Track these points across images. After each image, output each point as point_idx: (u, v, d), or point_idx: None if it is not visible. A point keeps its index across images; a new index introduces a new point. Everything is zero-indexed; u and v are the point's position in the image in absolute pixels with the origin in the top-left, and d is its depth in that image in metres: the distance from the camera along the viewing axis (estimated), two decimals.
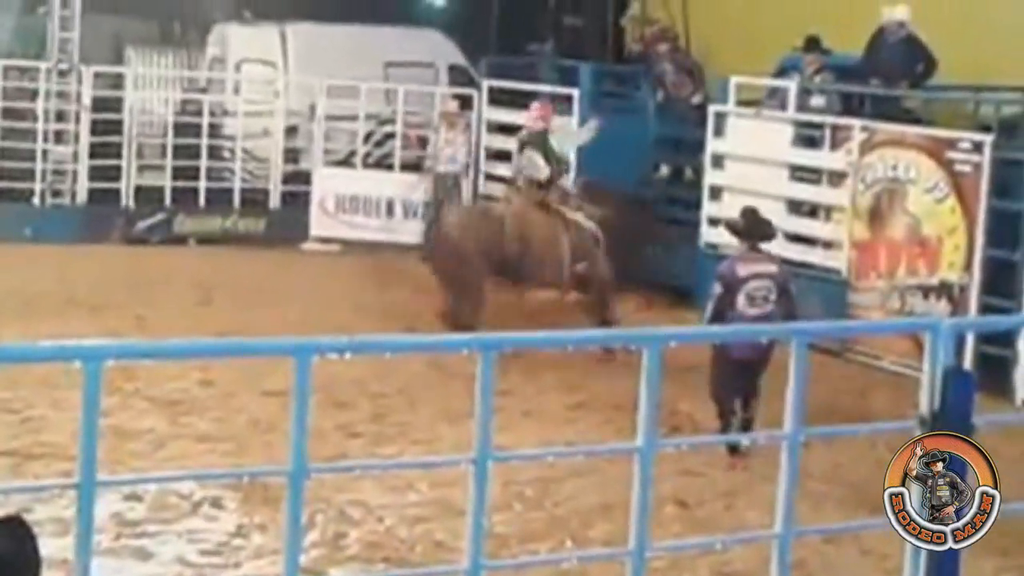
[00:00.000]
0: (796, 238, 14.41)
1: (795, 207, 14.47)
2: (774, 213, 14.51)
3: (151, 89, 19.09)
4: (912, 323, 12.19)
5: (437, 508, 8.82)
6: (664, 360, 4.45)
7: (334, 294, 14.66)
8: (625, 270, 13.96)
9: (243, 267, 16.09)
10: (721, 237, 14.98)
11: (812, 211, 14.44)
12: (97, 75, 17.96)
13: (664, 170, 17.01)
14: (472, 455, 4.26)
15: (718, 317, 9.98)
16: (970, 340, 11.02)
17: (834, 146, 14.02)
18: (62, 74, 17.71)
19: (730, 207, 15.01)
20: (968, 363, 10.46)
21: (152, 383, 10.85)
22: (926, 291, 13.01)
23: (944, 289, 12.90)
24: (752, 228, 10.47)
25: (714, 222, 15.10)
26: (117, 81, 18.39)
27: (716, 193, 15.14)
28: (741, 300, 9.94)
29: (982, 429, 4.70)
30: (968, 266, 12.68)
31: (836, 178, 14.00)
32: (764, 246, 10.54)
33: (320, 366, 4.06)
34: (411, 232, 17.40)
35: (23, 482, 8.73)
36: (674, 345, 4.86)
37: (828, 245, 14.14)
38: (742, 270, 10.06)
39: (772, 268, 10.21)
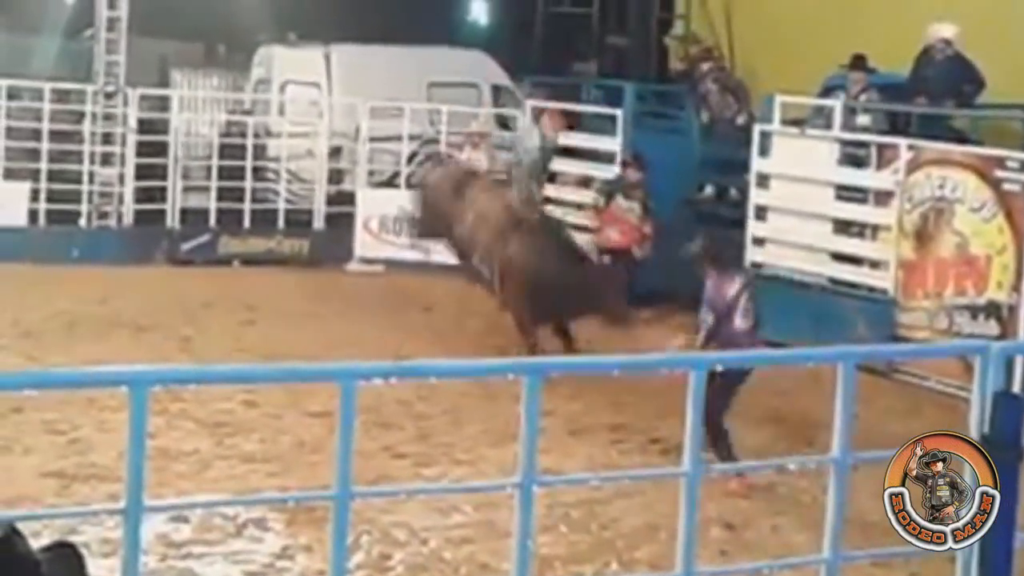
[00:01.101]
0: (842, 258, 14.34)
1: (841, 227, 14.39)
2: (820, 233, 14.50)
3: (196, 111, 19.21)
4: (961, 346, 12.07)
5: (482, 529, 8.80)
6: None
7: (378, 315, 14.68)
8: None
9: (287, 288, 16.14)
10: (768, 257, 14.96)
11: (859, 231, 14.35)
12: (143, 97, 18.09)
13: (709, 190, 16.96)
14: (517, 479, 4.23)
15: (710, 339, 10.29)
16: (1020, 362, 10.91)
17: (880, 165, 13.94)
18: (108, 96, 17.85)
19: (775, 227, 14.99)
20: (1018, 385, 10.36)
21: (198, 404, 10.89)
22: (974, 311, 12.90)
23: (992, 309, 12.79)
24: (721, 252, 10.89)
25: (759, 241, 15.05)
26: (163, 103, 18.51)
27: (761, 213, 15.08)
28: (738, 318, 10.27)
29: None
30: (1017, 286, 12.56)
31: (882, 197, 13.91)
32: None
33: (365, 388, 4.05)
34: (444, 253, 17.38)
35: (70, 503, 8.78)
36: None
37: (875, 265, 14.06)
38: (730, 290, 10.37)
39: (746, 280, 10.67)
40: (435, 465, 10.25)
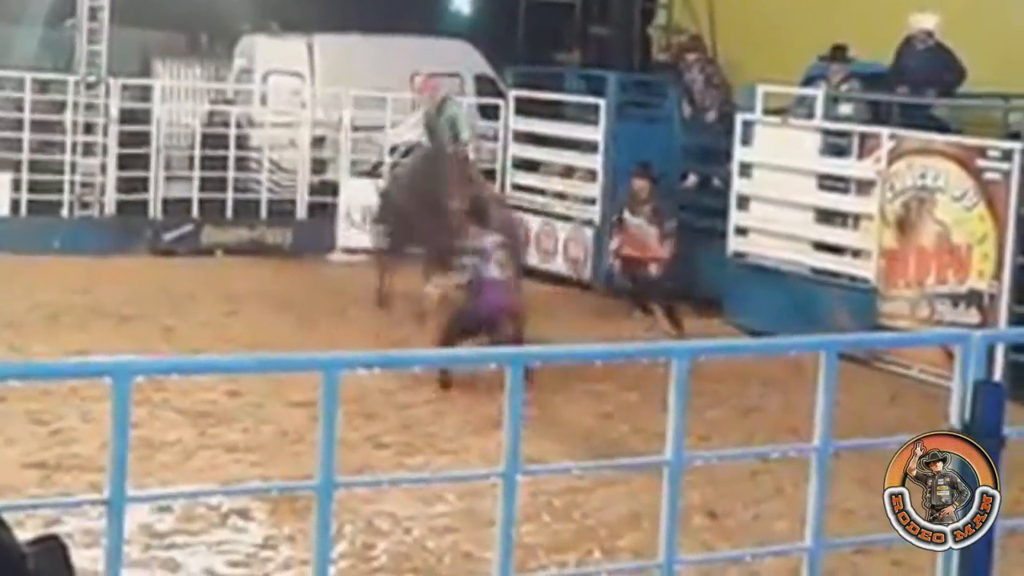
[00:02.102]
0: (824, 247, 14.38)
1: (823, 216, 14.43)
2: (802, 222, 14.54)
3: (178, 101, 19.17)
4: (943, 335, 12.12)
5: (465, 519, 8.82)
6: (692, 369, 4.44)
7: (361, 304, 14.67)
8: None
9: (270, 278, 16.14)
10: (750, 246, 15.00)
11: (841, 220, 14.39)
12: (125, 87, 18.05)
13: (692, 179, 16.98)
14: (501, 469, 4.24)
15: (469, 282, 11.67)
16: (1001, 351, 10.96)
17: (862, 154, 13.97)
18: (90, 86, 17.81)
19: (757, 216, 15.02)
20: (999, 374, 10.40)
21: (180, 394, 10.88)
22: (955, 299, 12.95)
23: (973, 297, 12.84)
24: (481, 209, 12.21)
25: (741, 231, 15.08)
26: (145, 93, 18.47)
27: (743, 202, 15.11)
28: (492, 267, 11.59)
29: (1014, 440, 4.67)
30: (998, 274, 12.61)
31: (864, 186, 13.95)
32: None
33: (348, 378, 4.06)
34: None
35: (53, 494, 8.77)
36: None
37: (856, 254, 14.10)
38: (486, 242, 11.69)
39: (502, 238, 11.90)
40: (418, 455, 10.26)
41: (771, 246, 14.76)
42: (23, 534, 3.25)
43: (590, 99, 17.12)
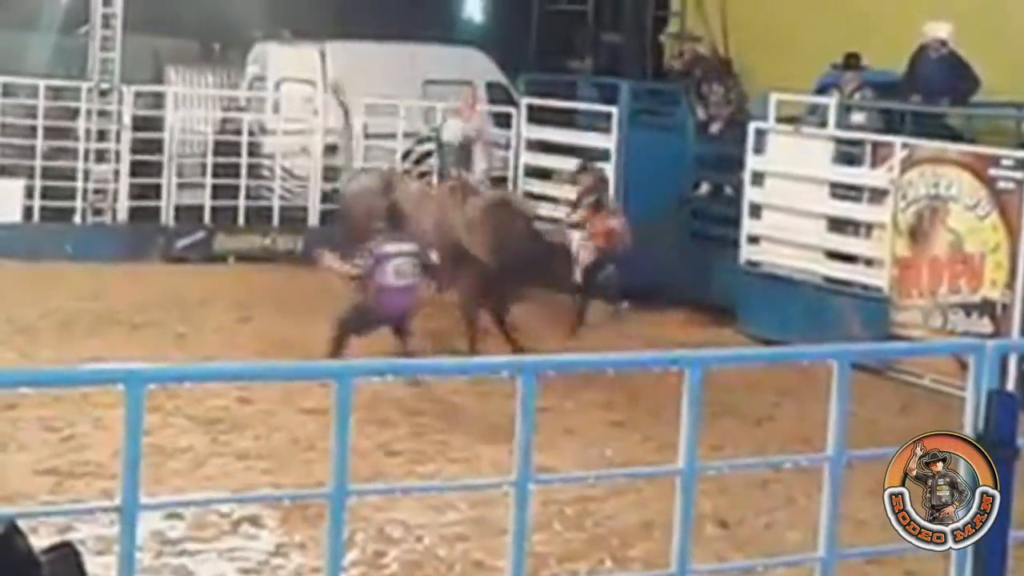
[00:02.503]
0: (837, 255, 14.36)
1: (836, 224, 14.41)
2: (815, 230, 14.52)
3: (191, 108, 19.18)
4: (957, 344, 12.10)
5: (476, 527, 8.81)
6: (703, 378, 4.43)
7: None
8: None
9: (282, 285, 16.13)
10: (763, 255, 14.98)
11: (853, 228, 14.36)
12: (138, 94, 18.07)
13: (705, 187, 16.96)
14: (513, 478, 4.24)
15: (364, 279, 12.16)
16: (1014, 360, 10.94)
17: (875, 163, 13.96)
18: (103, 93, 17.83)
19: (770, 224, 15.00)
20: (1012, 384, 10.39)
21: (192, 401, 10.89)
22: (968, 309, 12.92)
23: (986, 307, 12.81)
24: (397, 218, 12.74)
25: (754, 239, 15.07)
26: (157, 100, 18.48)
27: (756, 210, 15.09)
28: (389, 272, 12.05)
29: None
30: (1011, 284, 12.59)
31: (877, 195, 13.93)
32: None
33: (360, 385, 4.06)
34: None
35: (65, 501, 8.78)
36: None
37: (869, 263, 14.08)
38: (389, 248, 12.19)
39: (414, 247, 12.32)
40: (429, 463, 10.26)
41: (783, 255, 14.74)
42: (36, 541, 3.26)
43: (602, 107, 17.10)
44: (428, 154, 18.36)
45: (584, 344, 13.44)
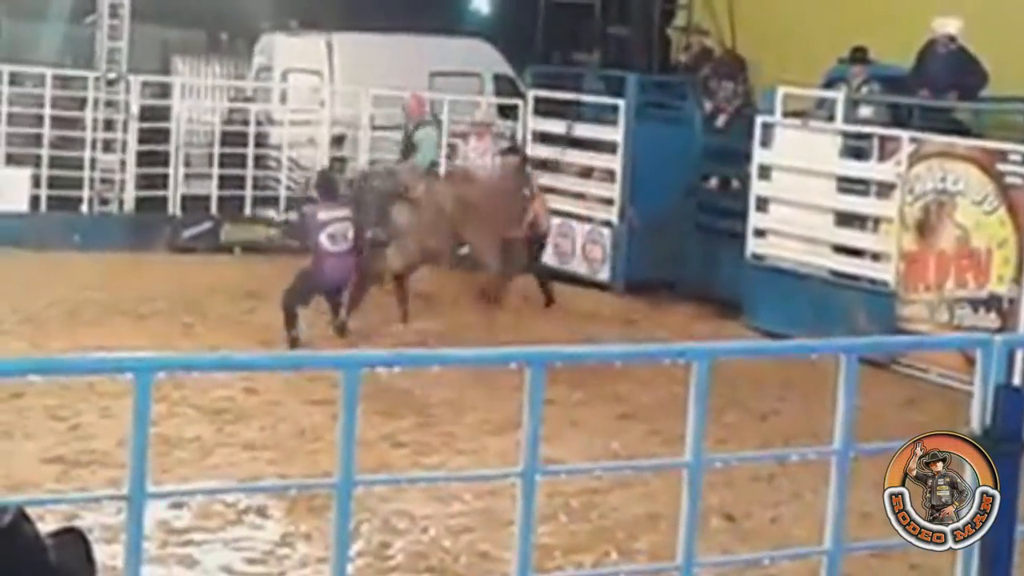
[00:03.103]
0: (844, 250, 14.35)
1: (843, 218, 14.40)
2: (821, 224, 14.51)
3: (198, 98, 19.20)
4: (964, 339, 12.08)
5: (482, 518, 8.82)
6: (711, 371, 4.43)
7: (380, 302, 14.66)
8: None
9: (288, 275, 16.07)
10: (769, 248, 14.97)
11: (860, 223, 14.35)
12: (145, 84, 18.09)
13: (712, 181, 16.95)
14: (520, 469, 4.24)
15: (304, 246, 12.85)
16: (1021, 355, 10.91)
17: (882, 157, 13.95)
18: (110, 83, 17.85)
19: (777, 218, 14.99)
20: (1018, 378, 10.37)
21: (198, 391, 10.90)
22: (975, 304, 12.91)
23: (993, 302, 12.80)
24: (329, 184, 13.24)
25: (761, 233, 15.06)
26: (164, 90, 18.50)
27: (762, 204, 15.08)
28: (324, 239, 12.48)
29: None
30: (1018, 278, 12.57)
31: (884, 189, 13.92)
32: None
33: (366, 375, 4.06)
34: None
35: (71, 489, 8.79)
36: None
37: (876, 257, 14.07)
38: (323, 215, 12.63)
39: (347, 213, 12.74)
40: (435, 454, 10.27)
41: (790, 248, 14.73)
42: (43, 527, 3.26)
43: (609, 100, 17.09)
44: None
45: (590, 337, 13.43)
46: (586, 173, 17.64)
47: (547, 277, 15.42)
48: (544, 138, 17.92)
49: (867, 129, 14.30)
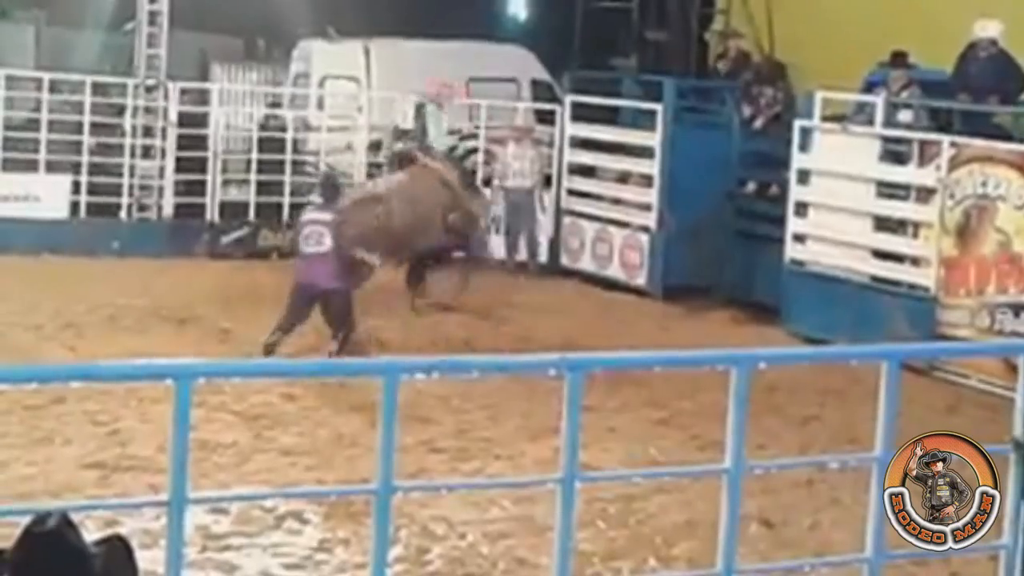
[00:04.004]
0: (883, 255, 14.27)
1: (882, 223, 14.32)
2: (861, 229, 14.43)
3: (236, 105, 19.27)
4: (1005, 345, 12.01)
5: (519, 524, 8.80)
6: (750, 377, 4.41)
7: (419, 309, 14.66)
8: None
9: None
10: (808, 253, 14.90)
11: (900, 227, 14.27)
12: (183, 91, 18.17)
13: (751, 186, 16.89)
14: (559, 475, 4.22)
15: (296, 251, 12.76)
16: None
17: (922, 162, 13.86)
18: (149, 90, 17.94)
19: (816, 223, 14.93)
20: None
21: (236, 397, 10.92)
22: (1016, 309, 12.81)
23: None
24: (330, 187, 13.21)
25: (799, 238, 14.99)
26: (203, 97, 18.58)
27: (801, 209, 15.02)
28: (303, 239, 12.52)
29: None
30: None
31: (924, 194, 13.83)
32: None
33: (404, 382, 4.05)
34: (494, 247, 17.40)
35: (111, 495, 8.83)
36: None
37: (916, 262, 13.98)
38: (311, 216, 12.71)
39: (327, 216, 12.56)
40: (473, 460, 10.26)
41: (829, 253, 14.67)
42: (87, 534, 3.28)
43: (647, 105, 17.06)
44: (473, 151, 18.38)
45: (628, 342, 13.40)
46: (623, 178, 17.63)
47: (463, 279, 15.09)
48: (581, 143, 17.90)
49: (907, 133, 14.22)
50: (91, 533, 3.40)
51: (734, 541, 4.45)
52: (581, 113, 17.88)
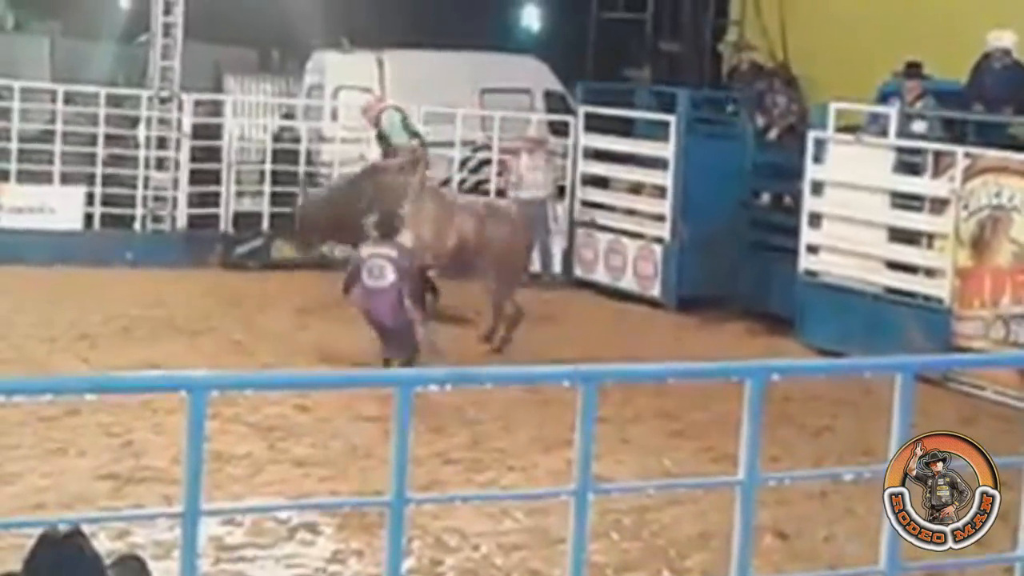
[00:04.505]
0: (897, 266, 14.24)
1: (897, 234, 14.29)
2: (875, 240, 14.41)
3: (250, 116, 19.32)
4: (1020, 357, 11.98)
5: (533, 536, 8.79)
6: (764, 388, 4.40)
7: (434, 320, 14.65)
8: None
9: (340, 292, 16.15)
10: (822, 264, 14.88)
11: (914, 239, 14.24)
12: (197, 103, 18.22)
13: (764, 197, 16.87)
14: (572, 487, 4.22)
15: (350, 283, 12.68)
16: None
17: (936, 173, 13.83)
18: (163, 101, 17.98)
19: (829, 234, 14.90)
20: None
21: (250, 408, 10.93)
22: None
23: None
24: (386, 225, 13.03)
25: (813, 249, 14.97)
26: (216, 108, 18.63)
27: (815, 220, 14.99)
28: (365, 273, 12.46)
29: None
30: None
31: (938, 205, 13.80)
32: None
33: (417, 393, 4.05)
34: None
35: (124, 506, 8.83)
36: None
37: (930, 273, 13.95)
38: (368, 251, 12.65)
39: (392, 253, 12.57)
40: (487, 471, 10.25)
41: (843, 264, 14.64)
42: (98, 545, 3.28)
43: (660, 116, 17.06)
44: (486, 162, 18.39)
45: (642, 354, 13.38)
46: (637, 189, 17.62)
47: None
48: (595, 154, 17.91)
49: (921, 144, 14.19)
50: (105, 544, 3.41)
51: (748, 553, 4.44)
52: (594, 124, 17.89)
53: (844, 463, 10.11)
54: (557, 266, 17.76)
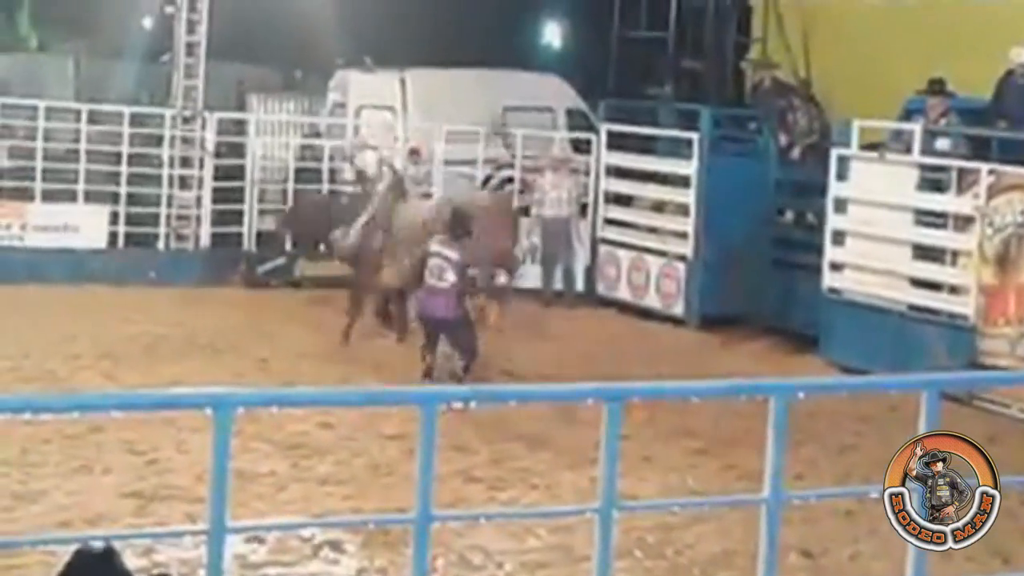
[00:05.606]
0: (922, 283, 14.19)
1: (920, 252, 14.24)
2: (899, 258, 14.36)
3: (273, 135, 19.36)
4: None
5: (557, 554, 8.77)
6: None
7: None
8: None
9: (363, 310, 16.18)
10: (846, 282, 14.83)
11: (938, 256, 14.18)
12: (220, 121, 18.28)
13: (788, 214, 16.84)
14: (596, 505, 4.21)
15: (413, 282, 13.01)
16: None
17: (961, 190, 13.79)
18: (186, 120, 18.05)
19: (853, 251, 14.86)
20: None
21: (273, 426, 10.93)
22: None
23: None
24: (456, 224, 12.96)
25: (837, 267, 14.93)
26: (240, 127, 18.68)
27: (839, 237, 14.95)
28: (427, 272, 12.65)
29: None
30: None
31: (963, 222, 13.76)
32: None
33: (441, 410, 4.05)
34: (530, 277, 17.41)
35: (149, 524, 8.83)
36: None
37: (955, 290, 13.89)
38: (434, 248, 12.74)
39: (454, 255, 12.64)
40: (510, 489, 10.23)
41: (867, 282, 14.59)
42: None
43: (683, 134, 17.05)
44: (508, 180, 18.40)
45: (665, 372, 13.36)
46: (659, 207, 17.62)
47: None
48: (617, 172, 17.90)
49: (945, 161, 14.15)
50: (132, 561, 3.41)
51: (773, 571, 4.43)
52: (617, 142, 17.89)
53: (869, 481, 10.00)
54: (580, 284, 17.75)
